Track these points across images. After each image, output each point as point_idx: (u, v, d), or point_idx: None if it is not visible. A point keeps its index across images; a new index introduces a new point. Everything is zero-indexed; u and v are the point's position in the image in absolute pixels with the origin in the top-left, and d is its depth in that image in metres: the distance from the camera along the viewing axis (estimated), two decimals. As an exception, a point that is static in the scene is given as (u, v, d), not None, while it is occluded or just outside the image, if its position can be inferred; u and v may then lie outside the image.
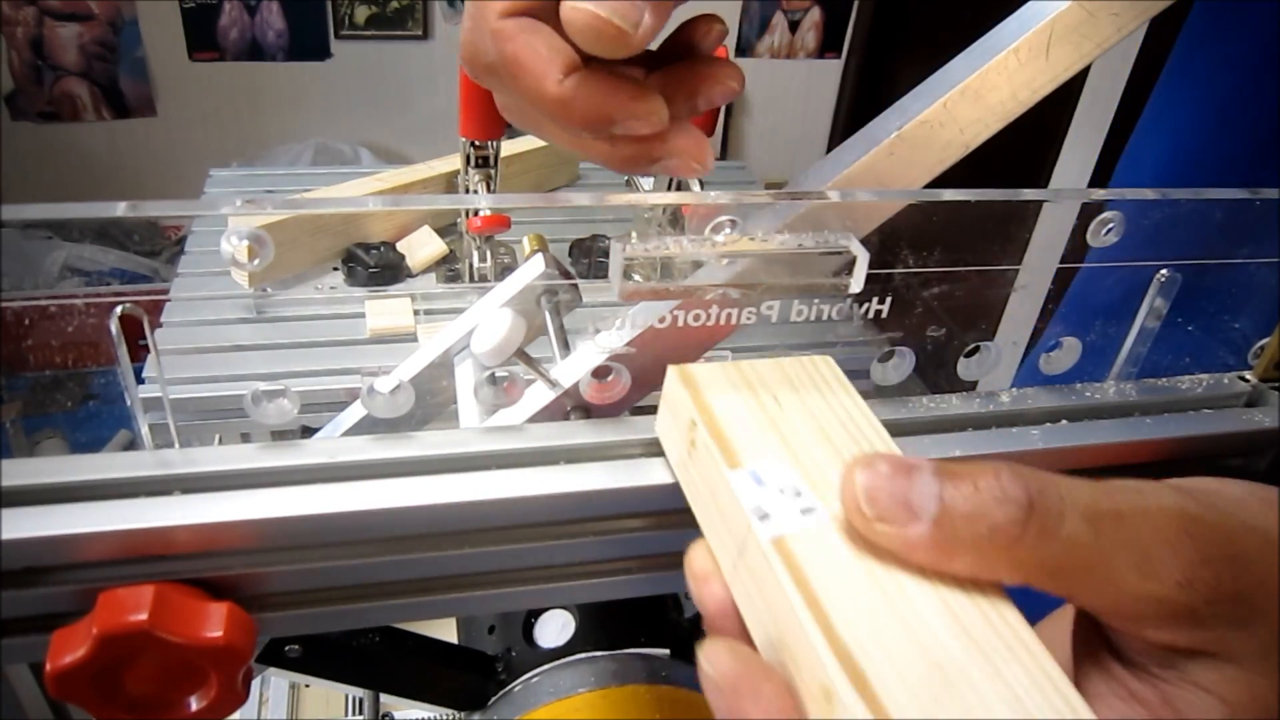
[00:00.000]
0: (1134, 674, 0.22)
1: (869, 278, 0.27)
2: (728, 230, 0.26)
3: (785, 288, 0.26)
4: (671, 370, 0.28)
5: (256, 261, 0.24)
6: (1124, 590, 0.21)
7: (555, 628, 0.45)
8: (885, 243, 0.28)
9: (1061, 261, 0.32)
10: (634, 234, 0.26)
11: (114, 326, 0.25)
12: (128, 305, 0.25)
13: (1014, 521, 0.20)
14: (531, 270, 0.47)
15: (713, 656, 0.21)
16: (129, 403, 0.26)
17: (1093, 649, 0.24)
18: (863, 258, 0.26)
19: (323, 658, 0.41)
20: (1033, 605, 0.23)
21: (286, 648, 0.39)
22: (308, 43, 2.37)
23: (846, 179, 0.31)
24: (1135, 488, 0.22)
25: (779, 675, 0.21)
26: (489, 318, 0.38)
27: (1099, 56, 0.31)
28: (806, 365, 0.28)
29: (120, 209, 0.23)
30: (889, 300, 0.29)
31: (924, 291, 0.30)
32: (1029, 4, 0.31)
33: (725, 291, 0.26)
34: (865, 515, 0.21)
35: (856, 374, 0.29)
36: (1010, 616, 0.21)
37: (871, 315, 0.29)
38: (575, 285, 0.48)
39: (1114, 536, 0.21)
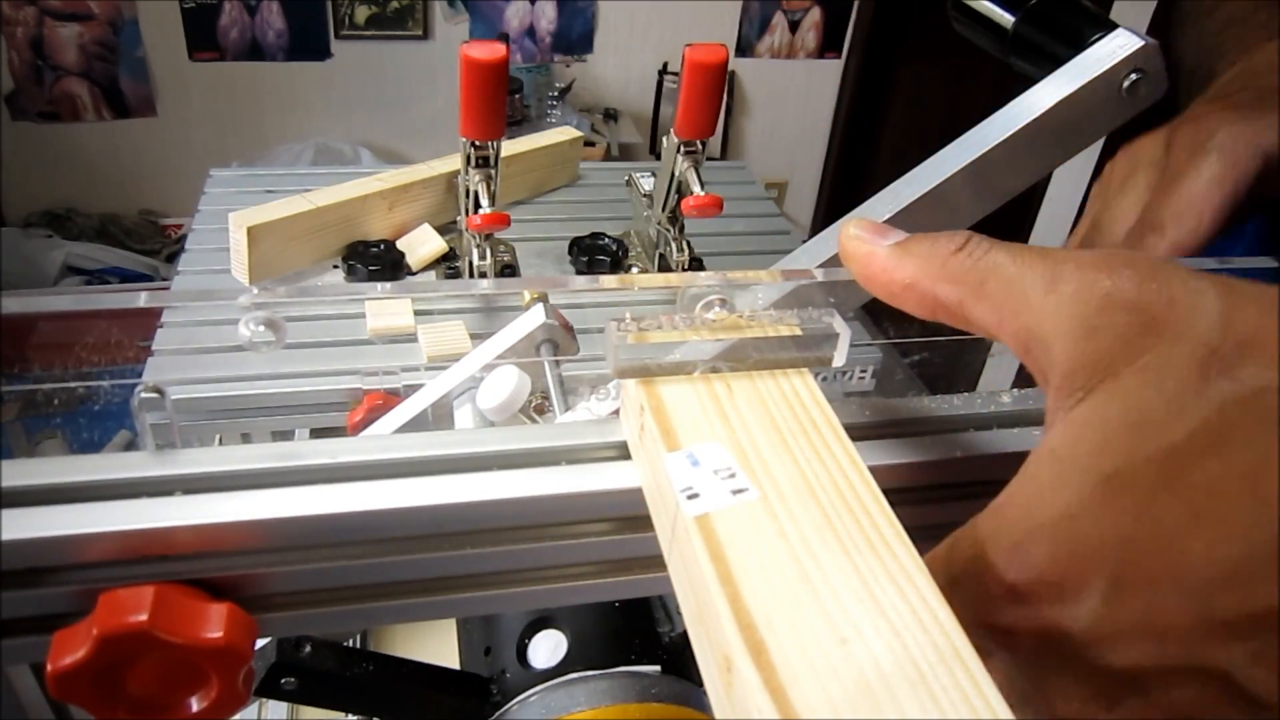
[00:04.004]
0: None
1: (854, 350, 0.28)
2: (717, 309, 0.28)
3: (770, 361, 0.28)
4: None
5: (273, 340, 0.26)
6: (1031, 303, 0.23)
7: (548, 648, 0.46)
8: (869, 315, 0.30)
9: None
10: (629, 314, 0.27)
11: (114, 327, 0.25)
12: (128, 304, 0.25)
13: (952, 244, 0.25)
14: (532, 320, 0.48)
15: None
16: (130, 402, 0.26)
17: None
18: (845, 334, 0.28)
19: (318, 689, 0.42)
20: None
21: (283, 680, 0.40)
22: (308, 43, 2.37)
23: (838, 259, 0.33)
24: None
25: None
26: (495, 374, 0.39)
27: (1083, 149, 0.34)
28: None
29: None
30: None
31: (904, 359, 0.31)
32: (1015, 101, 0.34)
33: (714, 365, 0.28)
34: (850, 233, 0.27)
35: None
36: (931, 599, 0.21)
37: (854, 381, 0.30)
38: (574, 334, 0.49)
39: (1032, 263, 0.23)
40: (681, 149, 0.82)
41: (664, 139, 0.84)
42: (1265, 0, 0.51)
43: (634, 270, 0.95)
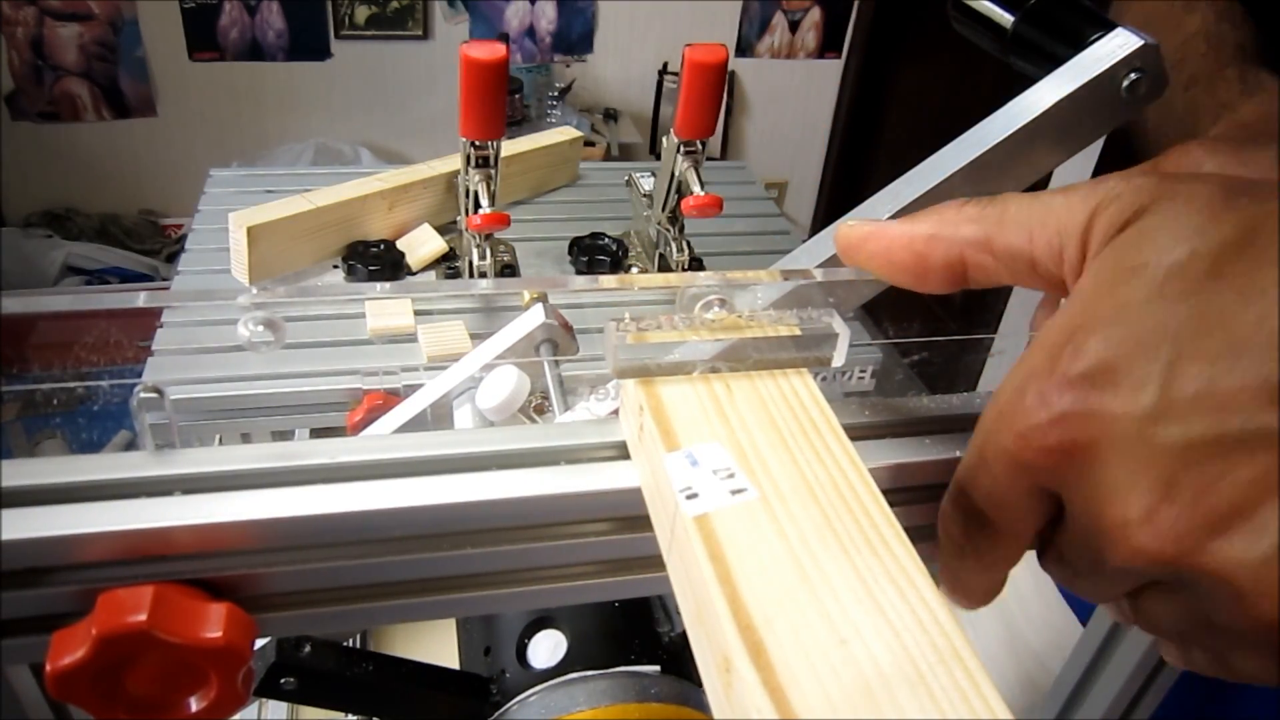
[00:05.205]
0: None
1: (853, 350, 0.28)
2: (716, 309, 0.28)
3: (770, 361, 0.28)
4: None
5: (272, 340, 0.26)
6: (1055, 208, 0.24)
7: (548, 648, 0.46)
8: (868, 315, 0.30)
9: (1032, 328, 0.34)
10: (628, 314, 0.27)
11: (114, 327, 0.25)
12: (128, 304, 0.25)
13: (958, 201, 0.26)
14: (531, 320, 0.48)
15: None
16: (129, 402, 0.26)
17: None
18: (844, 334, 0.28)
19: (317, 689, 0.42)
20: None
21: (282, 680, 0.40)
22: (308, 43, 2.37)
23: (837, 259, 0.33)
24: None
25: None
26: (495, 374, 0.39)
27: (1083, 149, 0.35)
28: None
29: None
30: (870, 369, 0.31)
31: (904, 359, 0.31)
32: (1015, 101, 0.34)
33: (713, 365, 0.28)
34: (849, 224, 0.27)
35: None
36: (930, 599, 0.21)
37: (853, 381, 0.30)
38: (573, 334, 0.49)
39: (1041, 191, 0.25)
40: (681, 149, 0.82)
41: (664, 139, 0.84)
42: (1230, 63, 0.52)
43: (634, 270, 0.95)
